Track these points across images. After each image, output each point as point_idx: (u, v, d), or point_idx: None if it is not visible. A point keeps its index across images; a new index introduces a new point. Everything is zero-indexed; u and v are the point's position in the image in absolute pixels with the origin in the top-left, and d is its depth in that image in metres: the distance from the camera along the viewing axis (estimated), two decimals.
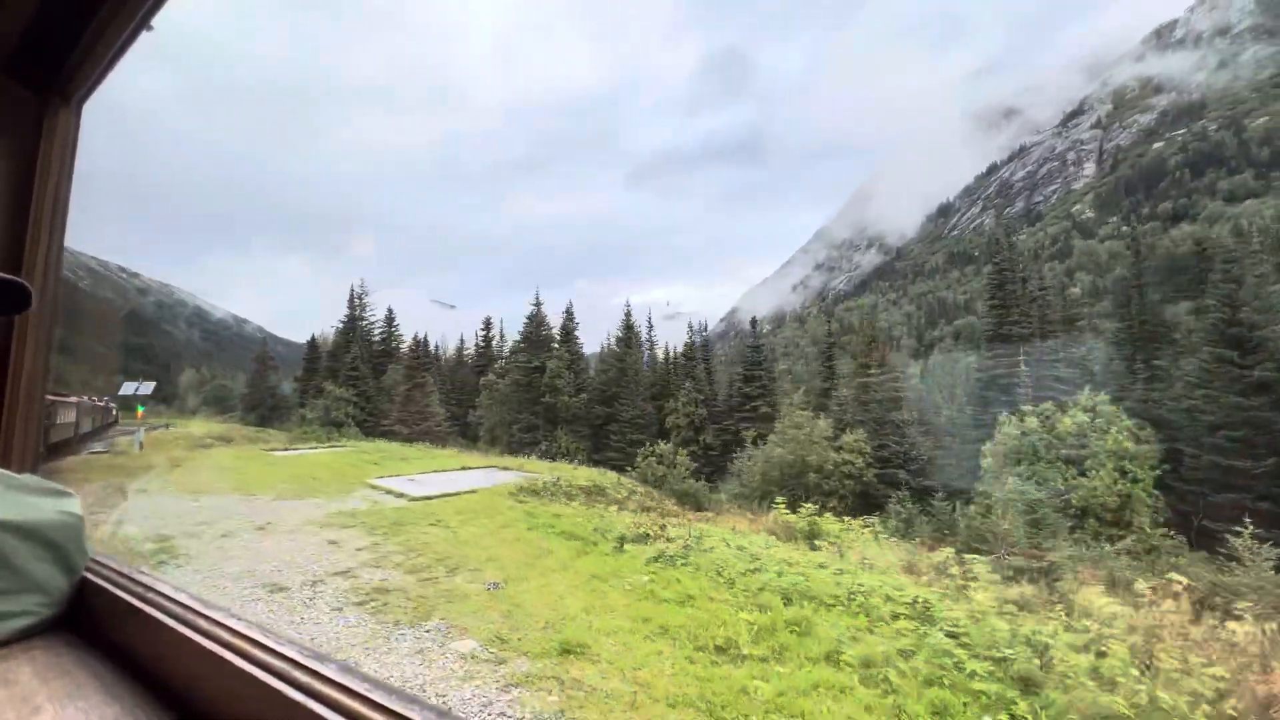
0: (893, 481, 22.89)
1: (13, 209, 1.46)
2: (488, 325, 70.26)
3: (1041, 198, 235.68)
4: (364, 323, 65.44)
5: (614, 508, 13.84)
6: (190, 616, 1.00)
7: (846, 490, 20.90)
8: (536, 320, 47.22)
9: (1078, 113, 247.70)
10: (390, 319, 67.43)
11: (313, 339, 74.97)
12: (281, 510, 13.23)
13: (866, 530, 10.92)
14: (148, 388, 31.39)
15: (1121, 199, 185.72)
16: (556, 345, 46.35)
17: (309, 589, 7.61)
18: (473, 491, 15.41)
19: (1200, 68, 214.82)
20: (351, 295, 63.93)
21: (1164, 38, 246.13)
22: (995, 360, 28.93)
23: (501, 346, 72.69)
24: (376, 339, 66.53)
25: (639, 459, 24.99)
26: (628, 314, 45.46)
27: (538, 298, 47.51)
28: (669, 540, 9.43)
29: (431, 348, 79.11)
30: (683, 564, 8.06)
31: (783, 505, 12.94)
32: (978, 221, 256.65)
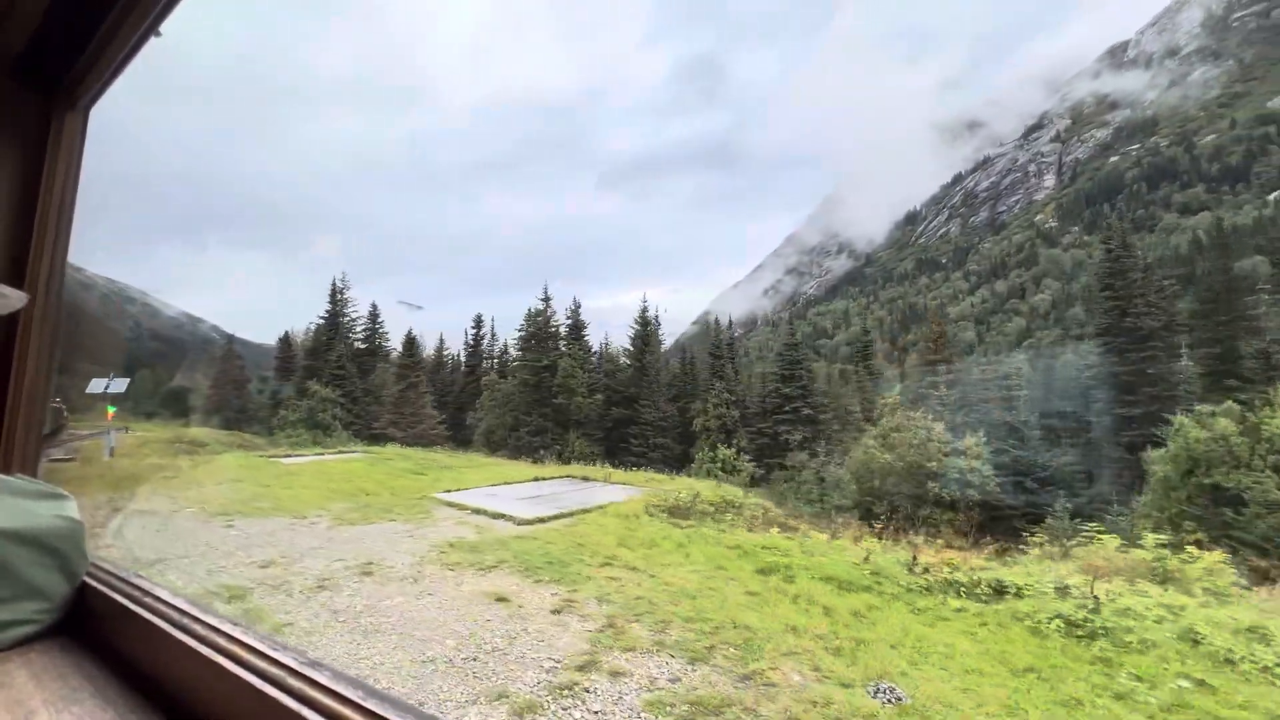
0: (1026, 492, 20.58)
1: (17, 213, 1.44)
2: (478, 323, 66.27)
3: (1005, 207, 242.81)
4: (345, 319, 60.81)
5: (818, 532, 11.03)
6: (187, 622, 1.00)
7: (971, 503, 18.42)
8: (544, 317, 43.84)
9: (1038, 126, 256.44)
10: (374, 316, 62.90)
11: (286, 337, 69.79)
12: (365, 541, 9.95)
13: (1226, 567, 8.31)
14: (120, 384, 26.96)
15: (1083, 209, 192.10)
16: (565, 343, 43.09)
17: (569, 700, 4.56)
18: (588, 510, 12.33)
19: (1152, 86, 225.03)
20: (333, 290, 59.20)
21: (1117, 57, 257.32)
22: (1104, 357, 26.99)
23: (492, 345, 68.85)
24: (359, 337, 62.04)
25: (695, 464, 22.22)
26: (643, 310, 42.59)
27: (546, 292, 44.09)
28: (1000, 590, 6.72)
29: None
30: (1133, 638, 5.34)
31: (1150, 533, 9.99)
32: (944, 229, 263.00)
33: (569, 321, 46.89)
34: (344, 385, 51.25)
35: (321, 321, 60.48)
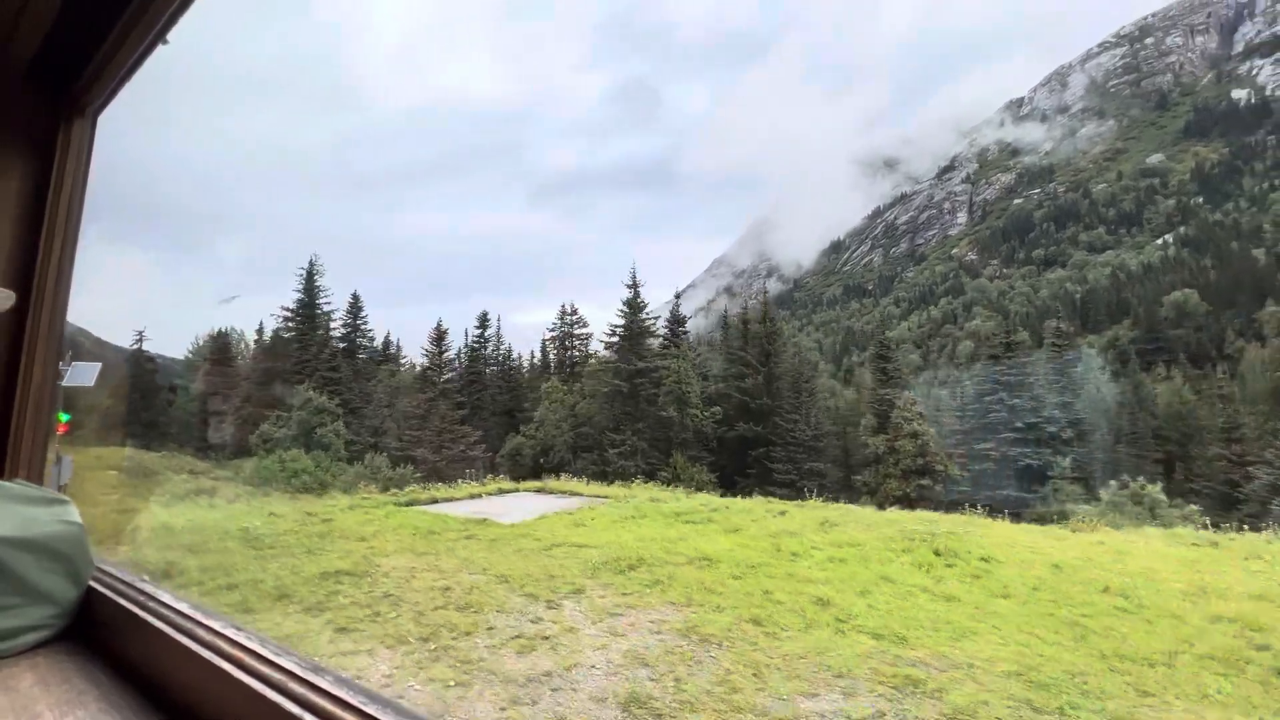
0: None
1: (26, 217, 1.45)
2: (483, 323, 55.59)
3: (923, 240, 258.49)
4: (320, 312, 48.42)
5: None
6: (190, 626, 1.00)
7: None
8: (635, 308, 34.99)
9: (950, 168, 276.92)
10: (357, 309, 50.95)
11: (221, 335, 55.77)
12: None
13: None
14: (87, 373, 15.43)
15: (999, 244, 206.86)
16: (666, 343, 34.53)
17: None
18: None
19: (1048, 138, 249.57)
20: (310, 272, 46.83)
21: (1014, 111, 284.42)
22: None
23: (496, 350, 58.39)
24: (334, 335, 49.75)
25: (1108, 498, 15.00)
26: (764, 304, 35.01)
27: (634, 278, 35.34)
28: None
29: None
30: None
31: None
32: (868, 258, 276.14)
33: (682, 315, 38.13)
34: (339, 392, 39.59)
35: (288, 313, 47.81)
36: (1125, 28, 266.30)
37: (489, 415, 52.88)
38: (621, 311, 40.39)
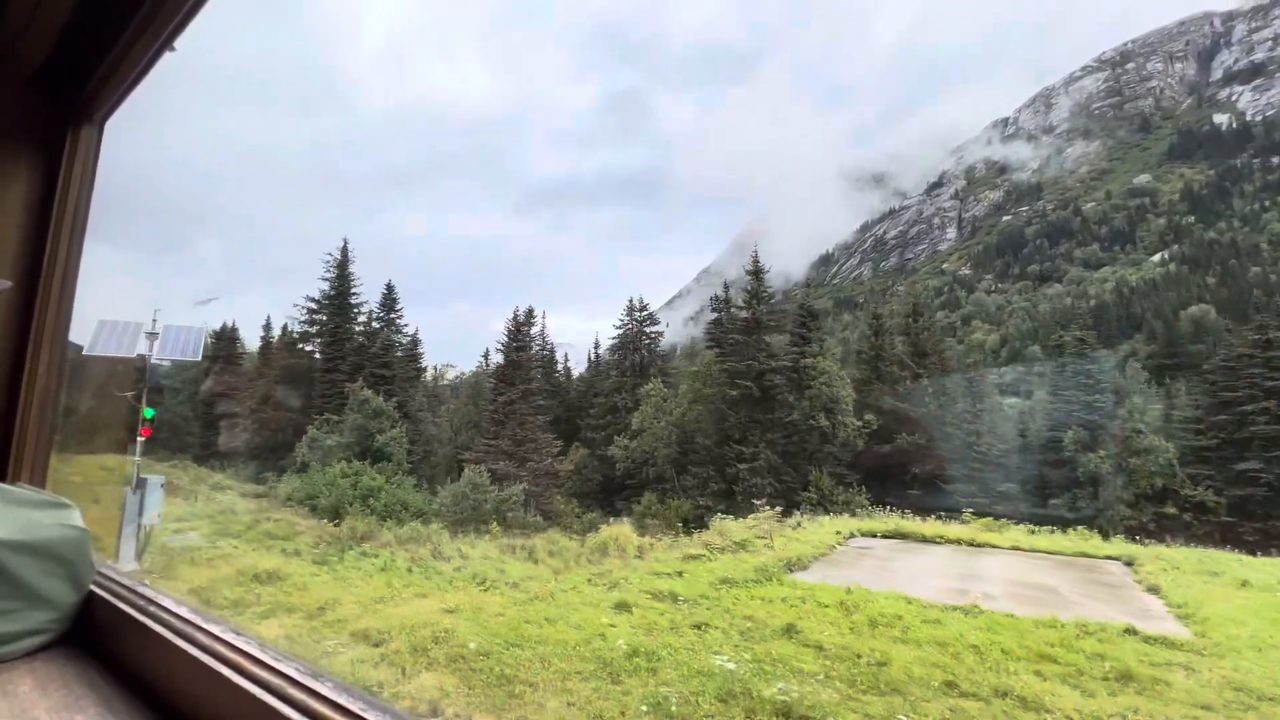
0: None
1: (34, 221, 1.46)
2: (529, 318, 49.67)
3: (912, 255, 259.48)
4: (354, 305, 42.04)
5: None
6: (190, 630, 1.00)
7: None
8: (760, 297, 29.69)
9: (938, 184, 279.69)
10: (391, 301, 44.64)
11: (226, 329, 48.82)
12: None
13: None
14: (189, 342, 9.46)
15: (993, 260, 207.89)
16: (797, 338, 29.30)
17: None
18: None
19: (1034, 158, 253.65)
20: (344, 256, 40.50)
21: (1002, 129, 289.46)
22: None
23: (542, 349, 52.55)
24: (362, 330, 43.37)
25: None
26: (915, 297, 30.19)
27: (755, 262, 30.11)
28: None
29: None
30: None
31: None
32: (857, 272, 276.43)
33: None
34: (394, 393, 33.42)
35: (314, 305, 41.36)
36: (1107, 53, 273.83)
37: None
38: (716, 304, 35.27)
